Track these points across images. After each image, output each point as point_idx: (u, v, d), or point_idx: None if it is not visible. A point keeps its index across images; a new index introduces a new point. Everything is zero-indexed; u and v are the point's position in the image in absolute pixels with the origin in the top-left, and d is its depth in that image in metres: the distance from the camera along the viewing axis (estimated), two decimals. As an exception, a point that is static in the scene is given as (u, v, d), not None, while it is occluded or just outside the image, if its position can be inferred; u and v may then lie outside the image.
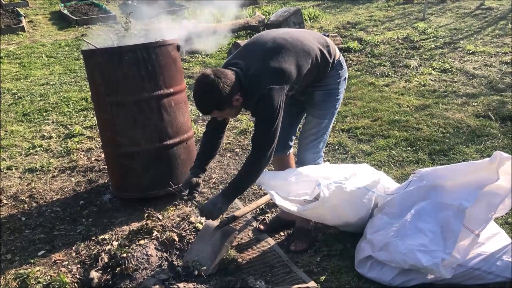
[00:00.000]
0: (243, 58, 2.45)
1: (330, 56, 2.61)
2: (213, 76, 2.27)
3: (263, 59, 2.39)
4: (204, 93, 2.31)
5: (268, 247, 2.78)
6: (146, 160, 3.27)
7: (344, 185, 2.58)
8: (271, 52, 2.41)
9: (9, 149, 4.54)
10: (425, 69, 6.01)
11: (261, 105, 2.35)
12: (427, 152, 3.83)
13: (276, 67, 2.36)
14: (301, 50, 2.47)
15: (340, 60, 2.71)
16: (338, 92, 2.72)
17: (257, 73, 2.36)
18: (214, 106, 2.34)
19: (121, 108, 3.16)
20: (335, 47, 2.71)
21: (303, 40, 2.51)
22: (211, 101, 2.31)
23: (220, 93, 2.27)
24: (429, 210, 2.38)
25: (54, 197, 3.66)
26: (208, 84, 2.28)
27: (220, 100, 2.29)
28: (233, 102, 2.35)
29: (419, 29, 7.89)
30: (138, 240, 2.84)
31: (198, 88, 2.33)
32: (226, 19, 9.05)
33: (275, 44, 2.44)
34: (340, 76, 2.71)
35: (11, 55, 8.09)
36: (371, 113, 4.73)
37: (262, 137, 2.42)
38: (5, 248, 3.04)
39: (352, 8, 10.28)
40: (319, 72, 2.60)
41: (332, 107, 2.74)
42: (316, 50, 2.54)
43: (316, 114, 2.74)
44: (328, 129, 2.80)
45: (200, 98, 2.34)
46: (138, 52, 3.05)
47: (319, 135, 2.77)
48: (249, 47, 2.54)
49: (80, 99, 5.78)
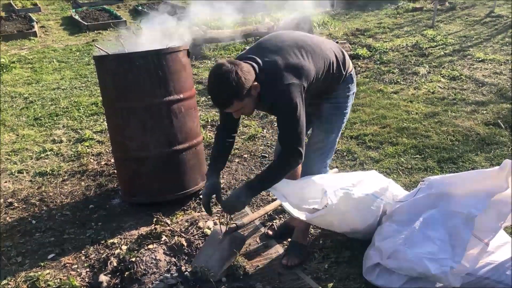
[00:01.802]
0: (258, 54, 2.32)
1: (344, 68, 2.55)
2: (228, 65, 2.14)
3: (282, 54, 2.29)
4: (221, 83, 2.14)
5: (277, 254, 2.79)
6: (155, 165, 3.30)
7: (351, 192, 2.59)
8: (290, 49, 2.32)
9: (21, 153, 4.59)
10: (434, 76, 6.00)
11: (281, 100, 2.25)
12: (436, 160, 3.82)
13: (296, 63, 2.27)
14: (320, 55, 2.40)
15: (352, 73, 2.65)
16: (346, 106, 2.66)
17: (275, 67, 2.25)
18: (234, 95, 2.16)
19: (131, 113, 3.19)
20: (349, 60, 2.64)
21: (321, 46, 2.45)
22: (229, 89, 2.14)
23: (239, 80, 2.12)
24: (438, 218, 2.38)
25: (64, 200, 3.70)
26: (225, 72, 2.12)
27: (238, 87, 2.13)
28: (252, 91, 2.21)
29: (428, 36, 7.87)
30: (146, 244, 2.86)
31: (214, 78, 2.18)
32: (235, 25, 9.11)
33: (295, 43, 2.36)
34: (350, 90, 2.64)
35: (23, 60, 8.19)
36: (379, 120, 4.73)
37: (288, 135, 2.32)
38: (16, 250, 3.07)
39: (361, 15, 10.30)
40: (331, 82, 2.53)
41: (340, 121, 2.68)
42: (333, 59, 2.48)
43: (323, 128, 2.68)
44: (335, 143, 2.74)
45: (218, 89, 2.17)
46: (149, 58, 3.08)
47: (326, 149, 2.70)
48: (265, 44, 2.41)
49: (91, 103, 5.84)
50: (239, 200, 2.41)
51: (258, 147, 4.35)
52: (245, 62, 2.25)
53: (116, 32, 10.04)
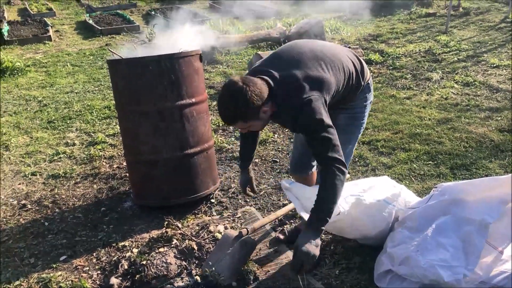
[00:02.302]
0: (275, 67, 2.22)
1: (362, 78, 2.47)
2: (241, 84, 2.06)
3: (301, 67, 2.18)
4: (230, 102, 2.09)
5: (287, 259, 2.77)
6: (167, 169, 3.31)
7: (362, 198, 2.58)
8: (309, 61, 2.22)
9: (34, 155, 4.65)
10: (447, 82, 5.95)
11: (304, 116, 2.11)
12: (448, 166, 3.79)
13: (317, 76, 2.17)
14: (340, 67, 2.31)
15: (369, 83, 2.57)
16: (363, 116, 2.60)
17: (294, 81, 2.14)
18: (239, 116, 2.11)
19: (144, 117, 3.21)
20: (367, 68, 2.56)
21: (341, 58, 2.36)
22: (236, 111, 2.09)
23: (247, 103, 2.05)
24: (450, 225, 2.35)
25: (76, 203, 3.73)
26: (235, 92, 2.06)
27: (246, 110, 2.08)
28: (261, 114, 2.14)
29: (442, 42, 7.83)
30: (157, 247, 2.87)
31: (224, 95, 2.12)
32: (247, 30, 9.14)
33: (314, 55, 2.26)
34: (367, 99, 2.58)
35: (38, 64, 8.30)
36: (392, 125, 4.70)
37: (324, 151, 2.14)
38: (28, 252, 3.10)
39: (373, 20, 10.27)
40: (349, 92, 2.44)
41: (357, 131, 2.63)
42: (352, 70, 2.39)
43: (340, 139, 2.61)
44: (351, 153, 2.69)
45: (226, 107, 2.12)
46: (162, 63, 3.10)
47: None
48: (281, 56, 2.32)
49: (103, 107, 5.89)
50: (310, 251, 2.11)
51: (269, 152, 4.35)
52: (260, 78, 2.16)
53: (130, 37, 10.14)
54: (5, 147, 4.87)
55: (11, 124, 5.50)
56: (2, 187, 4.05)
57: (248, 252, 2.68)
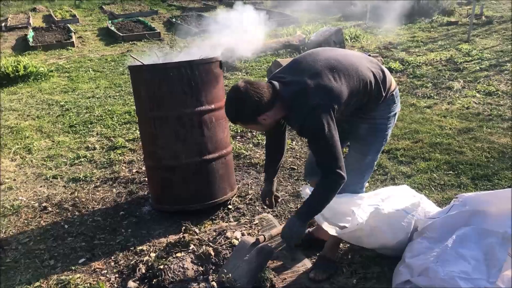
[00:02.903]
0: (291, 73, 2.31)
1: (384, 88, 2.43)
2: (243, 89, 2.18)
3: (313, 75, 2.24)
4: (230, 104, 2.26)
5: (304, 267, 2.76)
6: (186, 174, 3.33)
7: (380, 207, 2.55)
8: (322, 70, 2.26)
9: (56, 159, 4.73)
10: (469, 91, 5.87)
11: (309, 123, 2.19)
12: (470, 177, 3.72)
13: (326, 84, 2.21)
14: (355, 76, 2.31)
15: (394, 93, 2.51)
16: (386, 128, 2.52)
17: (304, 88, 2.20)
18: (237, 118, 2.28)
19: (164, 122, 3.25)
20: (391, 78, 2.51)
21: (358, 66, 2.34)
22: (234, 113, 2.26)
23: (244, 109, 2.20)
24: (472, 236, 2.31)
25: (96, 206, 3.78)
26: (235, 97, 2.22)
27: (242, 115, 2.23)
28: (259, 120, 2.23)
29: (463, 51, 7.73)
30: (175, 252, 2.88)
31: (228, 96, 2.28)
32: (267, 37, 9.17)
33: (328, 63, 2.29)
34: (391, 111, 2.51)
35: (61, 69, 8.47)
36: (412, 134, 4.66)
37: (324, 159, 2.26)
38: (48, 254, 3.15)
39: (394, 28, 10.21)
40: (368, 101, 2.42)
41: (378, 143, 2.56)
42: (371, 79, 2.36)
43: (358, 149, 2.58)
44: (371, 165, 2.64)
45: (227, 108, 2.29)
46: (183, 69, 3.13)
47: (361, 170, 2.61)
48: (299, 63, 2.38)
49: (124, 112, 5.97)
50: (293, 231, 2.38)
51: (287, 159, 4.34)
52: (269, 83, 2.27)
53: (150, 43, 10.27)
54: (27, 150, 4.97)
55: (34, 128, 5.61)
56: (24, 189, 4.13)
57: (265, 259, 2.68)
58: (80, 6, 16.35)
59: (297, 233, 2.37)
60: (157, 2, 16.90)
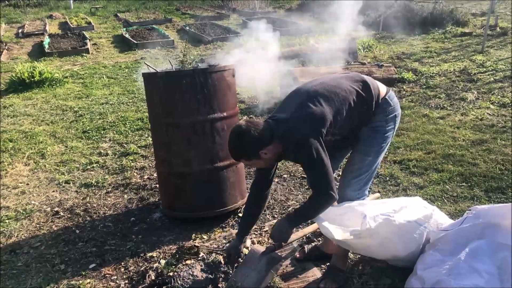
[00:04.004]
0: (280, 111, 2.52)
1: (371, 98, 2.55)
2: (244, 127, 2.39)
3: (296, 109, 2.43)
4: (233, 142, 2.43)
5: (314, 277, 2.74)
6: (197, 181, 3.34)
7: (392, 218, 2.52)
8: (303, 101, 2.44)
9: (68, 164, 4.77)
10: (482, 102, 5.82)
11: (299, 152, 2.38)
12: (483, 189, 3.68)
13: (308, 113, 2.39)
14: (335, 97, 2.46)
15: (387, 97, 2.62)
16: (385, 129, 2.62)
17: (290, 122, 2.40)
18: (241, 155, 2.44)
19: (176, 129, 3.26)
20: (378, 85, 2.64)
21: (336, 89, 2.50)
22: (238, 150, 2.42)
23: (247, 145, 2.37)
24: (485, 250, 2.28)
25: (107, 212, 3.80)
26: (238, 133, 2.40)
27: (246, 150, 2.39)
28: (261, 155, 2.40)
29: (477, 62, 7.68)
30: (185, 260, 2.88)
31: (230, 136, 2.46)
32: (279, 46, 9.19)
33: (307, 94, 2.47)
34: (388, 114, 2.61)
35: (75, 75, 8.58)
36: (424, 145, 4.62)
37: (315, 182, 2.44)
38: (59, 258, 3.17)
39: (407, 39, 10.19)
40: (360, 115, 2.56)
41: (377, 145, 2.63)
42: (352, 97, 2.51)
43: (359, 149, 2.66)
44: (372, 167, 2.69)
45: (230, 146, 2.45)
46: (196, 77, 3.15)
47: (361, 172, 2.67)
48: (286, 100, 2.59)
49: (137, 119, 6.02)
50: (282, 232, 2.56)
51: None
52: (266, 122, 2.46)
53: (164, 51, 10.36)
54: (41, 155, 5.03)
55: (48, 133, 5.68)
56: (36, 193, 4.17)
57: (274, 268, 2.66)
58: (95, 13, 16.58)
59: (286, 233, 2.57)
60: (171, 11, 17.08)
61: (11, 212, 3.83)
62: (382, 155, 2.71)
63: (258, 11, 16.27)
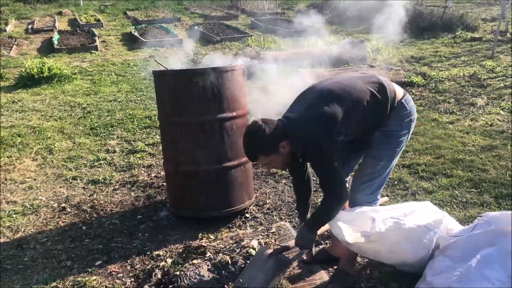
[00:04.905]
0: (293, 109, 2.50)
1: (386, 101, 2.47)
2: (260, 122, 2.38)
3: (308, 107, 2.41)
4: (251, 138, 2.40)
5: (321, 280, 2.72)
6: (205, 180, 3.33)
7: (402, 221, 2.50)
8: (316, 100, 2.41)
9: (76, 160, 4.77)
10: (492, 108, 5.77)
11: (310, 149, 2.36)
12: (493, 195, 3.64)
13: (320, 113, 2.35)
14: (348, 98, 2.40)
15: (403, 101, 2.54)
16: (399, 134, 2.55)
17: (301, 120, 2.38)
18: (260, 150, 2.40)
19: (185, 128, 3.25)
20: (394, 87, 2.56)
21: (350, 89, 2.44)
22: (256, 145, 2.39)
23: (265, 136, 2.34)
24: (496, 257, 2.25)
25: (114, 209, 3.79)
26: (254, 129, 2.38)
27: (265, 143, 2.36)
28: (280, 148, 2.38)
29: (487, 67, 7.63)
30: (191, 259, 2.87)
31: (245, 134, 2.44)
32: (288, 47, 9.19)
33: (320, 94, 2.44)
34: (403, 119, 2.54)
35: (84, 72, 8.59)
36: (433, 150, 4.58)
37: (326, 181, 2.43)
38: (66, 254, 3.16)
39: (416, 42, 10.13)
40: (374, 118, 2.50)
41: (391, 149, 2.57)
42: (367, 96, 2.44)
43: (372, 154, 2.61)
44: (384, 172, 2.63)
45: (246, 144, 2.43)
46: (206, 76, 3.14)
47: (373, 176, 2.61)
48: (299, 99, 2.56)
49: (145, 117, 6.01)
50: (305, 239, 2.62)
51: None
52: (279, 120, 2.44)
53: (173, 50, 10.36)
54: (49, 150, 5.04)
55: (56, 129, 5.69)
56: (44, 189, 4.18)
57: (282, 270, 2.65)
58: (104, 11, 16.62)
59: (309, 239, 2.62)
60: (180, 10, 17.10)
61: (18, 207, 3.84)
62: (396, 161, 2.66)
63: (267, 12, 16.25)
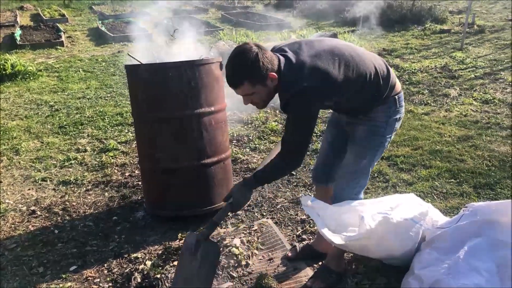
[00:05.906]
0: (293, 50, 2.24)
1: (385, 86, 2.35)
2: (252, 46, 2.11)
3: (313, 56, 2.18)
4: (240, 58, 2.10)
5: (307, 277, 2.65)
6: (184, 178, 3.21)
7: (390, 216, 2.45)
8: (324, 54, 2.20)
9: (45, 161, 4.56)
10: (465, 99, 5.85)
11: (295, 100, 2.14)
12: (472, 185, 3.66)
13: (323, 68, 2.15)
14: (355, 67, 2.25)
15: (397, 97, 2.41)
16: (383, 131, 2.42)
17: (302, 66, 2.14)
18: (247, 74, 2.11)
19: (163, 124, 3.12)
20: (396, 80, 2.44)
21: (359, 60, 2.28)
22: (244, 68, 2.10)
23: (256, 61, 2.08)
24: (484, 248, 2.23)
25: (87, 211, 3.63)
26: (246, 50, 2.10)
27: (253, 69, 2.09)
28: (267, 80, 2.13)
29: (457, 59, 7.74)
30: (172, 261, 2.77)
31: (233, 54, 2.14)
32: (260, 41, 9.10)
33: (330, 50, 2.24)
34: (391, 115, 2.40)
35: (50, 69, 8.28)
36: (411, 141, 4.59)
37: (292, 138, 2.25)
38: (37, 261, 2.99)
39: (387, 35, 10.21)
40: (365, 98, 2.35)
41: (373, 148, 2.45)
42: (371, 72, 2.29)
43: (355, 151, 2.49)
44: (367, 171, 2.53)
45: (234, 64, 2.12)
46: (182, 69, 3.02)
47: (357, 174, 2.52)
48: (304, 43, 2.30)
49: (116, 114, 5.82)
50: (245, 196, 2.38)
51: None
52: (274, 53, 2.21)
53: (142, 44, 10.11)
54: (15, 151, 4.80)
55: (22, 128, 5.43)
56: (11, 192, 3.96)
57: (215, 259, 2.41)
58: (69, 5, 16.13)
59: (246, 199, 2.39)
60: (148, 4, 16.74)
61: (-17, 212, 3.62)
62: (378, 157, 2.56)
63: (237, 6, 16.12)
